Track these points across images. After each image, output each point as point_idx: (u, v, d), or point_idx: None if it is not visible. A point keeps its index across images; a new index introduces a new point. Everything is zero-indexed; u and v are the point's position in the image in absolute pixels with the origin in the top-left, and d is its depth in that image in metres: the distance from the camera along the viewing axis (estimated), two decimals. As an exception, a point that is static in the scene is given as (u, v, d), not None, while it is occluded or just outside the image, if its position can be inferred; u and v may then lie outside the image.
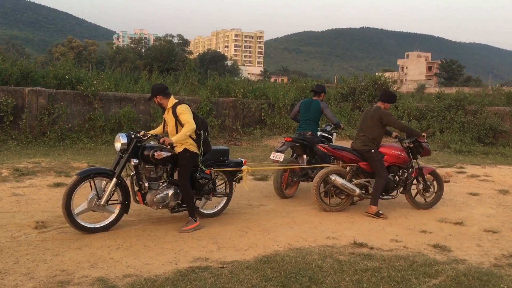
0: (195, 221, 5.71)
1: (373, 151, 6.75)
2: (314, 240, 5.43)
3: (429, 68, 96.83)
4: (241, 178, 6.46)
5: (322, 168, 7.64)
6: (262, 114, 16.58)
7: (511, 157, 13.38)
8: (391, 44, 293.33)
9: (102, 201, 5.35)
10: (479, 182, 9.56)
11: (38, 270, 4.16)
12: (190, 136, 5.69)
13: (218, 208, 6.42)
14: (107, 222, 5.48)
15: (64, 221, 5.71)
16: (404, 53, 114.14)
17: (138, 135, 5.55)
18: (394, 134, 7.34)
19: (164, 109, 5.88)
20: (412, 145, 7.07)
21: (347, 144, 8.55)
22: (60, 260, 4.42)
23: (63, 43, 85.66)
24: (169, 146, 5.59)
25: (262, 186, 8.50)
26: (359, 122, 7.16)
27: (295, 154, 8.07)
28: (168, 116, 5.82)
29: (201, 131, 5.83)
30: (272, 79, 68.31)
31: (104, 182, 5.45)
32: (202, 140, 5.83)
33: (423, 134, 7.11)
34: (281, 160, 7.55)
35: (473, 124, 16.30)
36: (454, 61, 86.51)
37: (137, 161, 5.49)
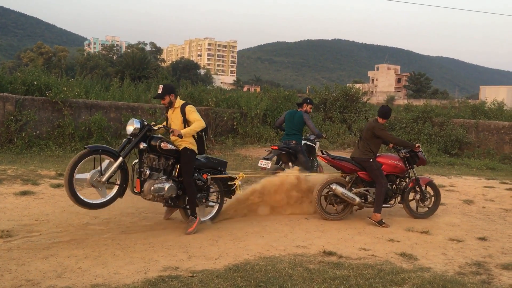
0: (196, 217, 6.00)
1: (371, 160, 7.02)
2: (284, 249, 5.48)
3: (398, 80, 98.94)
4: (235, 188, 6.67)
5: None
6: (235, 123, 16.61)
7: (475, 168, 13.78)
8: (362, 56, 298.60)
9: (104, 178, 5.47)
10: (444, 192, 9.78)
11: (2, 280, 4.06)
12: (192, 135, 6.04)
13: (210, 216, 6.58)
14: (103, 200, 5.56)
15: (31, 230, 5.62)
16: (375, 65, 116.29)
17: (150, 124, 5.83)
18: (391, 144, 7.57)
19: (168, 108, 6.18)
20: (408, 155, 7.32)
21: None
22: (25, 270, 4.33)
23: (32, 48, 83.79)
24: (177, 137, 5.86)
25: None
26: (360, 133, 7.50)
27: (280, 162, 8.33)
28: (174, 115, 6.13)
29: (203, 133, 6.23)
30: (245, 89, 68.47)
31: (107, 161, 5.58)
32: (203, 143, 6.27)
33: (417, 145, 7.38)
34: (269, 167, 7.96)
35: (440, 135, 16.74)
36: (422, 74, 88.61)
37: (146, 145, 5.73)
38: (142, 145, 5.71)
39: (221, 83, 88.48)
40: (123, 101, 15.26)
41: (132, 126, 5.72)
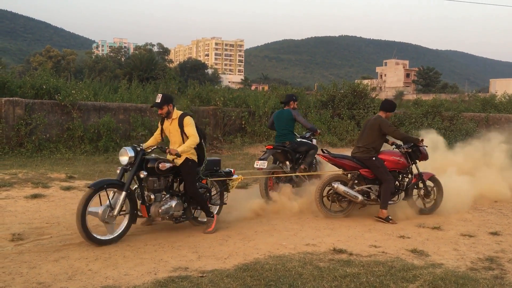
0: (213, 217, 5.98)
1: (374, 158, 6.93)
2: (294, 247, 5.46)
3: (407, 75, 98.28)
4: (231, 186, 6.64)
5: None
6: (243, 122, 16.61)
7: (487, 162, 13.62)
8: (370, 52, 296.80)
9: (115, 212, 5.34)
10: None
11: (14, 284, 4.09)
12: None
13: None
14: (118, 233, 5.43)
15: (42, 233, 5.66)
16: (383, 61, 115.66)
17: (141, 147, 5.62)
18: (391, 141, 7.50)
19: (164, 119, 6.00)
20: (410, 150, 7.22)
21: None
22: (36, 273, 4.36)
23: (41, 52, 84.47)
24: (174, 156, 5.69)
25: (243, 194, 8.49)
26: (360, 131, 7.38)
27: (278, 162, 8.19)
28: (172, 126, 5.95)
29: (201, 140, 6.07)
30: (253, 87, 68.46)
31: (112, 194, 5.44)
32: (203, 150, 6.11)
33: (421, 139, 7.27)
34: (265, 167, 7.75)
35: (450, 130, 16.61)
36: (431, 68, 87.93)
37: (146, 173, 5.54)
38: (143, 174, 5.52)
39: (229, 82, 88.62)
40: (132, 102, 15.35)
41: (126, 156, 5.49)
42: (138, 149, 5.58)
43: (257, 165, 7.81)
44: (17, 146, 11.82)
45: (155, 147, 5.83)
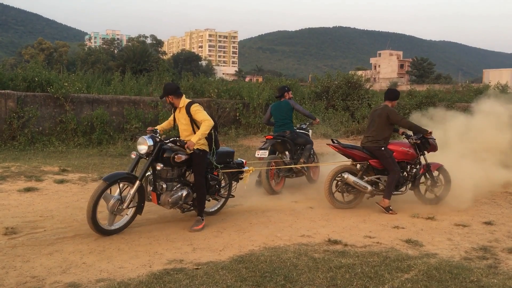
0: (203, 220, 5.86)
1: (383, 148, 6.93)
2: (289, 239, 5.46)
3: (401, 66, 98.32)
4: (243, 178, 6.74)
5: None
6: (237, 114, 16.57)
7: (480, 152, 13.68)
8: (364, 43, 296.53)
9: (125, 205, 5.35)
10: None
11: (7, 278, 4.07)
12: None
13: (217, 206, 6.58)
14: (123, 223, 5.47)
15: (35, 227, 5.63)
16: (377, 52, 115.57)
17: (160, 137, 5.63)
18: (401, 131, 7.53)
19: (175, 108, 6.03)
20: (419, 142, 7.23)
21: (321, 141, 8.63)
22: (30, 267, 4.33)
23: (33, 44, 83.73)
24: (189, 150, 5.64)
25: (238, 186, 8.48)
26: (367, 121, 7.38)
27: (277, 152, 8.29)
28: (180, 115, 5.98)
29: (212, 130, 6.02)
30: (247, 79, 68.26)
31: (124, 187, 5.42)
32: (213, 139, 6.07)
33: (430, 131, 7.26)
34: (266, 156, 7.89)
35: (444, 120, 16.64)
36: (425, 59, 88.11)
37: (163, 165, 5.56)
38: (159, 166, 5.54)
39: (223, 74, 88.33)
40: (125, 95, 15.25)
41: (145, 145, 5.50)
42: (157, 139, 5.58)
43: (258, 154, 8.01)
44: (9, 139, 11.72)
45: (172, 139, 5.75)
